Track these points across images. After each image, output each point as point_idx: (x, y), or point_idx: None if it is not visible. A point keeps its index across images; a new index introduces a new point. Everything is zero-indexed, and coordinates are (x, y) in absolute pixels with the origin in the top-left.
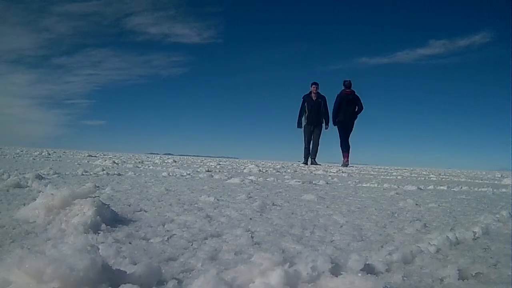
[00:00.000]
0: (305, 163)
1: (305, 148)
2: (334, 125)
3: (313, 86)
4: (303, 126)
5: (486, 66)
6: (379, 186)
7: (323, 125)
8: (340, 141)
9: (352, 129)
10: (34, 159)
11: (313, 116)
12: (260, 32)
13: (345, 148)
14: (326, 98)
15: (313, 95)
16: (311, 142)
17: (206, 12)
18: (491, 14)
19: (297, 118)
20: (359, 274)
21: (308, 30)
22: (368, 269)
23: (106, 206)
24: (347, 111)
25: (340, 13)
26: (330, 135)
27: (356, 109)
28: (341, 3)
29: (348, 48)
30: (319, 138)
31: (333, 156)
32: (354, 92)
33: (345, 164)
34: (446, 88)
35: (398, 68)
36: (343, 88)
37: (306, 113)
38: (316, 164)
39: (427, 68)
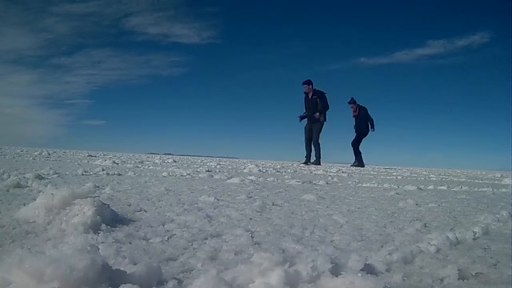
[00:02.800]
0: (305, 162)
1: (305, 146)
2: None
3: (304, 86)
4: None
5: (485, 66)
6: (379, 186)
7: (322, 119)
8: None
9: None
10: (34, 159)
11: (310, 114)
12: (259, 32)
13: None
14: (325, 93)
15: (308, 94)
16: (311, 141)
17: (205, 13)
18: (489, 14)
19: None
20: (359, 274)
21: (307, 30)
22: (368, 269)
23: (106, 206)
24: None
25: (339, 13)
26: (329, 134)
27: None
28: (340, 3)
29: (347, 48)
30: (317, 136)
31: (333, 155)
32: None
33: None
34: (445, 88)
35: (397, 68)
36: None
37: (305, 111)
38: (318, 164)
39: (426, 68)
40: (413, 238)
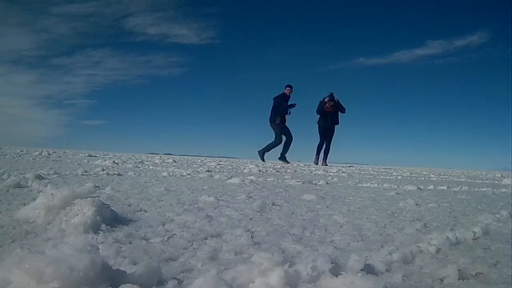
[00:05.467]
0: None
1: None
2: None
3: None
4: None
5: (484, 66)
6: (379, 186)
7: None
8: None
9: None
10: (34, 159)
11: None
12: (258, 33)
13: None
14: (282, 96)
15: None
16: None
17: (205, 13)
18: (487, 14)
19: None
20: (359, 274)
21: (305, 31)
22: (368, 269)
23: (106, 206)
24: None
25: (337, 14)
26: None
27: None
28: (338, 4)
29: (345, 48)
30: (276, 135)
31: (333, 156)
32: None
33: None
34: (444, 88)
35: (396, 68)
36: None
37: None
38: (282, 161)
39: (425, 68)
40: (413, 238)
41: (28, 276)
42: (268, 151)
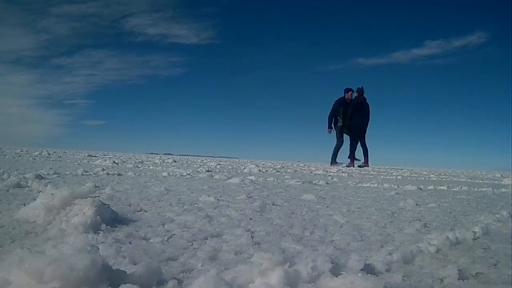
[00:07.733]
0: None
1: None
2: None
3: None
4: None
5: (483, 66)
6: (379, 186)
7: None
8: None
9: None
10: (34, 159)
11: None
12: (258, 33)
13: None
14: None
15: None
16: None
17: (204, 13)
18: (486, 14)
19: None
20: (359, 274)
21: (304, 31)
22: (368, 269)
23: (106, 206)
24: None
25: (336, 14)
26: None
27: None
28: (337, 4)
29: (344, 48)
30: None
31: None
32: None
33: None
34: (444, 88)
35: (395, 68)
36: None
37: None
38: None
39: (424, 68)
40: (413, 238)
41: (28, 276)
42: (335, 156)
